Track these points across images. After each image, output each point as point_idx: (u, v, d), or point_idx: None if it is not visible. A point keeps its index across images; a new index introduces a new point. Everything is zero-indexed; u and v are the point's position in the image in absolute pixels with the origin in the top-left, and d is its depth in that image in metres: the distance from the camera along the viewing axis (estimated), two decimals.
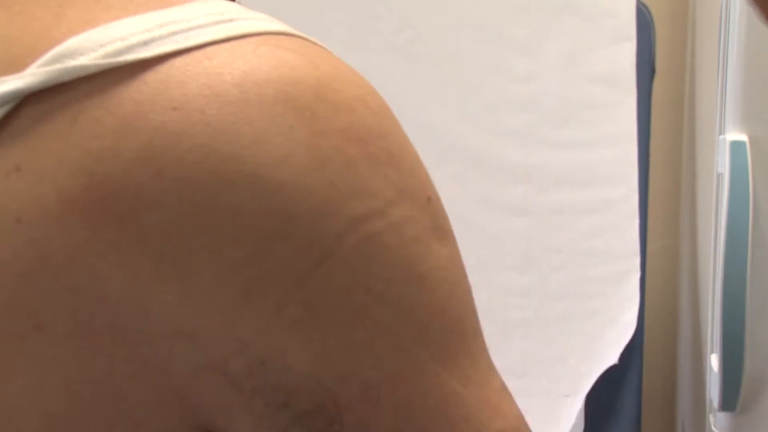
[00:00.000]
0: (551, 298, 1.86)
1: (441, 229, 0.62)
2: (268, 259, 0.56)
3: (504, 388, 0.63)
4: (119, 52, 0.56)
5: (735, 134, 1.52)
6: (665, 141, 2.04)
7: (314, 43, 0.60)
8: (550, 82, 1.84)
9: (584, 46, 1.85)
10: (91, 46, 0.57)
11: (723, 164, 1.50)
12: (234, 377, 0.58)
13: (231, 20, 0.59)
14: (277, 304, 0.56)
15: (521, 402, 0.65)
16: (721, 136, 1.52)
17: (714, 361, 1.56)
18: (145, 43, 0.57)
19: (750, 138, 1.51)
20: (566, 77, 1.79)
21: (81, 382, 0.58)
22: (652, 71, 1.82)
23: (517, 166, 1.82)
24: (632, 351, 1.82)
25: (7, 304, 0.58)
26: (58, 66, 0.57)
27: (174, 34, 0.58)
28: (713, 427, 1.54)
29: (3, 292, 0.58)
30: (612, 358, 1.80)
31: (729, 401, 1.39)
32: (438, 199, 0.63)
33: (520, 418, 0.62)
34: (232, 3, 0.62)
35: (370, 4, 1.91)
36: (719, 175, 1.51)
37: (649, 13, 2.00)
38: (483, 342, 0.63)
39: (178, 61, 0.56)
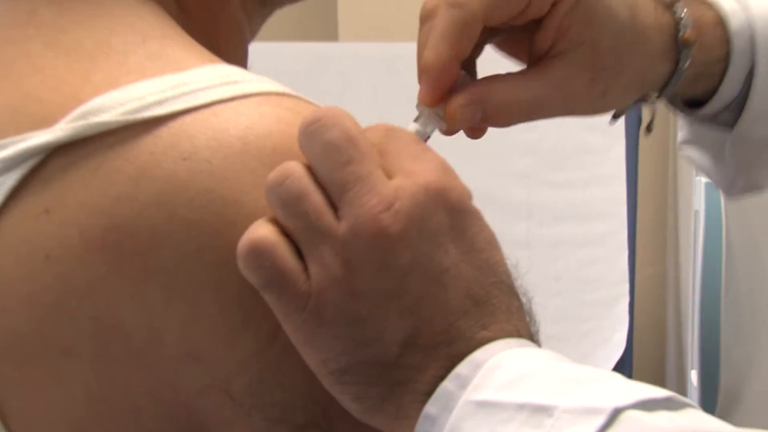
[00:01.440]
0: (550, 320, 1.85)
1: None
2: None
3: None
4: (137, 110, 0.55)
5: (706, 177, 1.51)
6: (651, 182, 2.07)
7: (310, 103, 0.58)
8: (549, 129, 1.85)
9: None
10: (113, 105, 0.56)
11: (699, 202, 1.53)
12: (235, 395, 0.56)
13: (236, 82, 0.58)
14: (272, 330, 0.55)
15: None
16: (697, 178, 1.55)
17: (693, 377, 1.58)
18: (159, 103, 0.56)
19: None
20: (563, 125, 1.80)
21: (101, 400, 0.57)
22: (639, 121, 1.82)
23: (520, 204, 1.88)
24: (622, 367, 1.83)
25: (38, 331, 0.57)
26: (83, 122, 0.56)
27: (185, 94, 0.57)
28: None
29: (34, 321, 0.57)
30: None
31: (707, 412, 1.38)
32: None
33: None
34: (237, 67, 0.60)
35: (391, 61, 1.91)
36: (696, 212, 1.54)
37: None
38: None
39: (188, 118, 0.55)
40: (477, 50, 0.66)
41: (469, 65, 0.67)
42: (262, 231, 0.53)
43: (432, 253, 0.53)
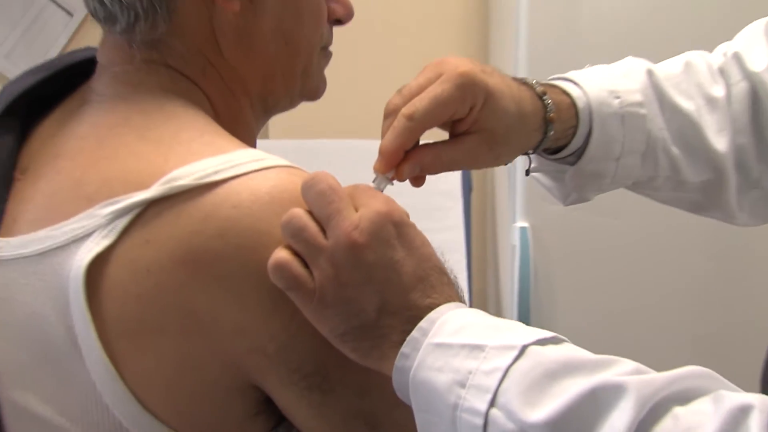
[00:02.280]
0: None
1: None
2: None
3: None
4: (202, 178, 0.59)
5: (521, 222, 1.58)
6: (480, 227, 2.12)
7: (305, 171, 0.62)
8: (412, 193, 1.83)
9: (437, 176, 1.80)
10: (186, 174, 0.59)
11: (515, 240, 1.57)
12: (269, 355, 0.60)
13: (262, 159, 0.62)
14: (291, 313, 0.59)
15: None
16: (514, 224, 1.60)
17: None
18: (216, 173, 0.60)
19: (530, 225, 1.58)
20: (421, 191, 1.80)
21: (183, 360, 0.60)
22: (470, 188, 1.91)
23: None
24: None
25: (142, 317, 0.59)
26: (168, 185, 0.59)
27: (232, 167, 0.60)
28: None
29: (140, 311, 0.59)
30: None
31: None
32: None
33: None
34: (257, 150, 0.63)
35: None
36: (513, 246, 1.59)
37: None
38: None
39: (234, 182, 0.59)
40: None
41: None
42: (281, 253, 0.57)
43: (387, 252, 0.56)
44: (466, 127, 0.69)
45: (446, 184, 1.82)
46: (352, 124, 1.76)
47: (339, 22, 0.74)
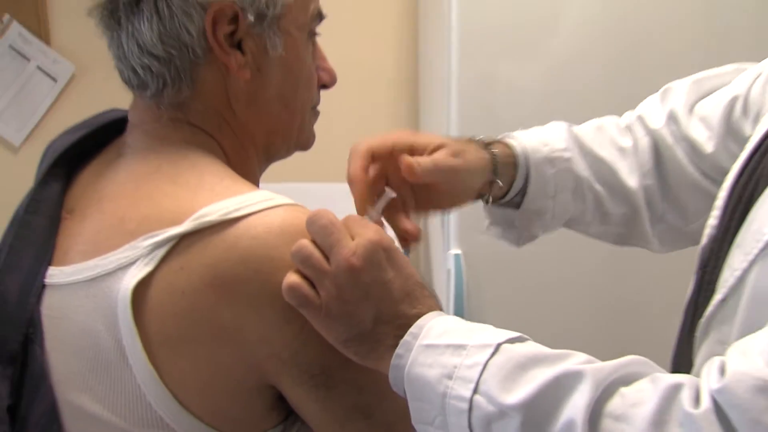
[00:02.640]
0: None
1: None
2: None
3: None
4: (225, 215, 0.63)
5: (455, 249, 1.58)
6: (416, 255, 2.09)
7: (307, 209, 0.65)
8: None
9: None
10: (213, 212, 0.63)
11: (450, 265, 1.58)
12: (283, 359, 0.63)
13: (273, 198, 0.66)
14: (301, 324, 0.62)
15: None
16: (449, 251, 1.60)
17: None
18: (237, 210, 0.63)
19: (462, 252, 1.57)
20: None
21: (214, 365, 0.63)
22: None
23: None
24: None
25: (179, 330, 0.63)
26: (197, 221, 0.63)
27: (249, 206, 0.64)
28: None
29: (177, 325, 0.62)
30: None
31: None
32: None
33: None
34: (267, 191, 0.66)
35: None
36: (448, 270, 1.60)
37: None
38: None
39: (252, 217, 0.63)
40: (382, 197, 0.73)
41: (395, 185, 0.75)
42: (293, 277, 0.61)
43: (379, 273, 0.60)
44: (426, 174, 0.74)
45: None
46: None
47: (325, 86, 0.78)
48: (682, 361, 0.68)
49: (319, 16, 0.75)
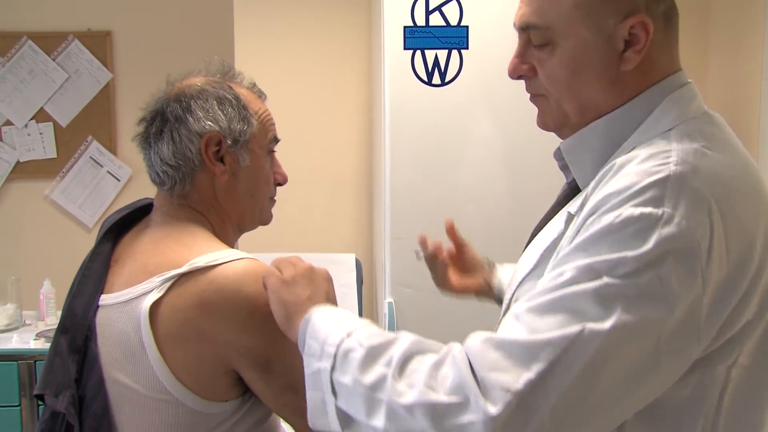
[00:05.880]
0: None
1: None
2: (257, 321, 0.68)
3: None
4: (209, 262, 0.70)
5: (389, 298, 1.61)
6: (370, 301, 2.13)
7: (263, 263, 0.70)
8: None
9: (338, 273, 1.78)
10: (201, 261, 0.70)
11: (385, 310, 1.62)
12: (241, 353, 0.69)
13: (239, 254, 0.72)
14: (252, 332, 0.68)
15: None
16: (384, 299, 1.66)
17: None
18: (215, 260, 0.70)
19: (394, 300, 1.61)
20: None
21: (199, 355, 0.69)
22: (361, 281, 1.86)
23: None
24: None
25: (178, 334, 0.68)
26: (191, 266, 0.70)
27: (224, 258, 0.71)
28: None
29: (176, 332, 0.66)
30: None
31: None
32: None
33: None
34: (238, 251, 0.71)
35: None
36: (385, 314, 1.65)
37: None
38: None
39: (225, 265, 0.70)
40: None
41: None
42: (271, 270, 0.66)
43: (316, 277, 0.67)
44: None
45: (345, 279, 1.83)
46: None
47: (280, 184, 0.84)
48: None
49: (275, 139, 0.81)
